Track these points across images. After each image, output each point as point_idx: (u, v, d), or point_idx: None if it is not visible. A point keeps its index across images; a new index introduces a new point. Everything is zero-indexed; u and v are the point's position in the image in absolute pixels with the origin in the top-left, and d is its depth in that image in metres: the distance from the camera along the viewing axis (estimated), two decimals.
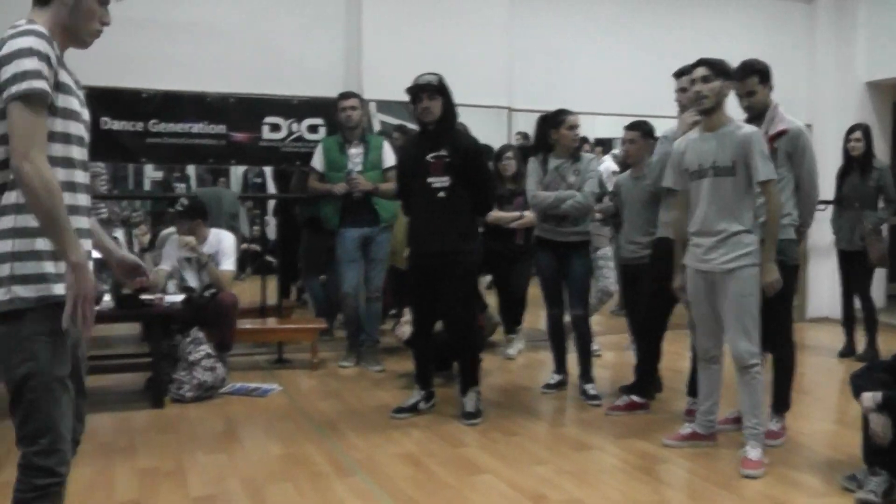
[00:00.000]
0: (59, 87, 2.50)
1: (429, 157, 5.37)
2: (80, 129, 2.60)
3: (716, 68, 4.56)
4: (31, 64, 2.37)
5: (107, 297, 5.83)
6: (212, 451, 4.87)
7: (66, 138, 2.54)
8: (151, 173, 13.31)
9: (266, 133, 7.59)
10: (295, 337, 7.36)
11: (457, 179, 5.34)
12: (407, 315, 6.41)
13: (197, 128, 7.41)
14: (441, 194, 5.35)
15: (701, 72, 4.57)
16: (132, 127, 7.26)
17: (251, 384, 6.35)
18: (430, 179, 5.36)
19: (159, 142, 7.33)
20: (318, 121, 7.63)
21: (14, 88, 2.36)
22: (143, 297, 6.01)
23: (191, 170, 11.87)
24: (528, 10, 8.62)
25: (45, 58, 2.41)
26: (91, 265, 2.51)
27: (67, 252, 2.38)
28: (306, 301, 8.88)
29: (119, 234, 8.55)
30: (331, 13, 7.96)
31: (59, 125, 2.50)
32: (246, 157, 7.92)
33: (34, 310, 2.47)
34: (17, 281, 2.45)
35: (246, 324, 7.02)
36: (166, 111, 7.33)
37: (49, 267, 2.48)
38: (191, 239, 6.49)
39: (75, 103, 2.58)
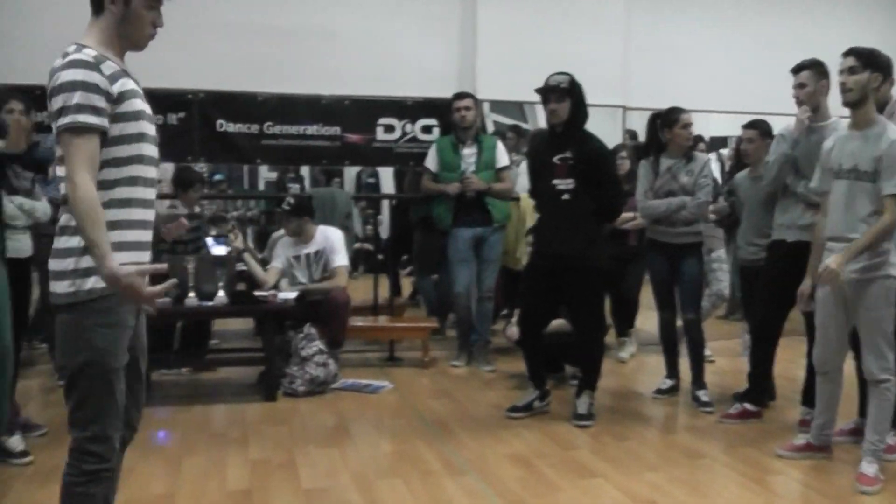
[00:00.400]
0: (119, 98, 2.64)
1: (555, 158, 5.30)
2: (151, 128, 2.76)
3: (864, 58, 4.24)
4: (77, 98, 2.54)
5: (221, 293, 5.96)
6: (323, 446, 4.91)
7: (141, 137, 2.70)
8: (266, 174, 13.61)
9: (380, 134, 7.64)
10: (406, 335, 7.39)
11: (581, 183, 5.25)
12: (518, 315, 6.35)
13: (311, 129, 7.52)
14: (565, 197, 5.27)
15: (848, 62, 4.26)
16: (248, 129, 7.42)
17: (362, 381, 6.39)
18: (554, 181, 5.29)
19: (274, 143, 7.47)
20: (431, 121, 7.64)
21: (63, 121, 2.55)
22: (257, 293, 6.13)
23: (305, 170, 12.07)
24: (645, 5, 8.47)
25: (91, 87, 2.57)
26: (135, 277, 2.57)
27: (99, 264, 2.52)
28: (419, 301, 8.92)
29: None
30: (446, 14, 7.98)
31: (132, 127, 2.67)
32: (360, 158, 8.00)
33: (95, 301, 2.60)
34: (80, 274, 2.59)
35: (358, 321, 7.09)
36: (281, 114, 7.46)
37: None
38: (234, 236, 6.63)
39: (138, 104, 2.72)
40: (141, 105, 2.73)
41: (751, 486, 4.29)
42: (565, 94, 5.25)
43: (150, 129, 2.76)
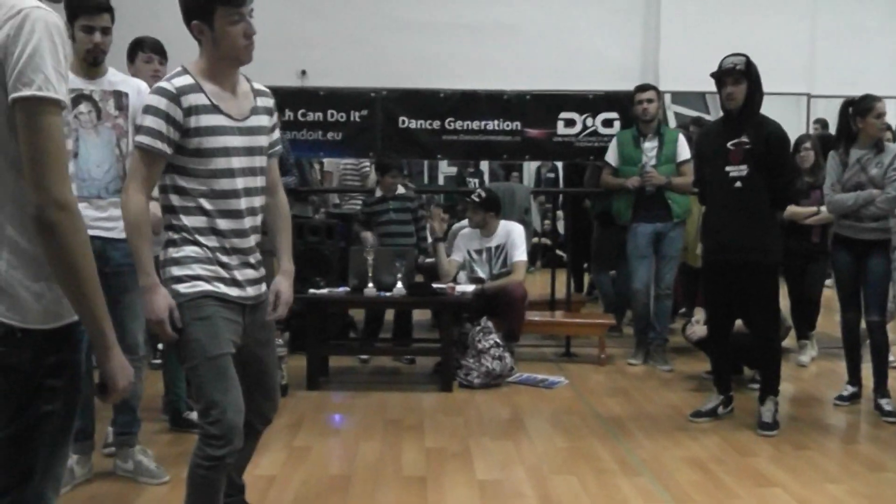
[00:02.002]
0: (194, 132, 2.86)
1: (729, 144, 5.11)
2: (225, 141, 2.93)
3: None
4: (149, 121, 2.85)
5: (399, 285, 6.09)
6: (498, 438, 4.94)
7: (212, 152, 2.90)
8: (445, 168, 13.82)
9: (560, 128, 7.59)
10: (583, 331, 7.34)
11: (755, 169, 5.04)
12: (698, 315, 6.18)
13: (492, 125, 7.56)
14: (738, 185, 5.08)
15: None
16: (429, 125, 7.54)
17: (538, 375, 6.38)
18: (727, 168, 5.09)
19: (455, 139, 7.56)
20: (612, 115, 7.53)
21: (136, 139, 2.90)
22: (436, 285, 6.23)
23: (484, 165, 12.18)
24: None
25: (162, 114, 2.84)
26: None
27: (139, 275, 2.85)
28: (596, 296, 8.83)
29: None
30: (629, 5, 7.87)
31: (206, 142, 2.89)
32: (540, 153, 8.00)
33: (190, 300, 2.88)
34: (174, 281, 2.91)
35: (534, 316, 7.08)
36: (463, 109, 7.55)
37: (198, 269, 2.91)
38: (438, 222, 6.76)
39: (221, 119, 2.92)
40: (224, 141, 2.92)
41: None
42: (742, 77, 5.04)
43: (233, 142, 2.94)
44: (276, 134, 3.18)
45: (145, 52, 4.74)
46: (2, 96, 1.84)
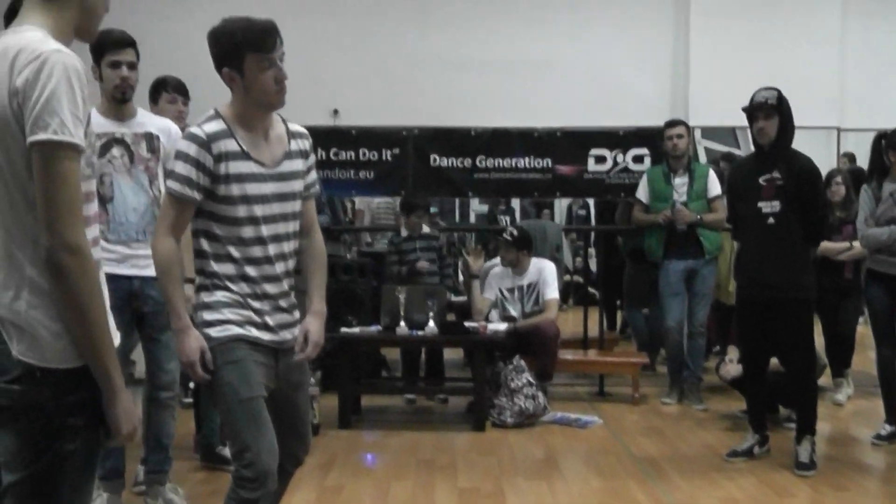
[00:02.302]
0: (225, 179, 2.87)
1: (761, 179, 5.08)
2: (259, 188, 2.94)
3: None
4: (179, 167, 2.87)
5: (431, 323, 6.08)
6: (531, 478, 4.90)
7: (242, 199, 2.91)
8: (477, 206, 13.85)
9: (591, 165, 7.58)
10: (616, 370, 7.26)
11: (788, 204, 5.00)
12: (731, 353, 6.12)
13: (523, 162, 7.56)
14: (770, 221, 5.04)
15: None
16: (460, 163, 7.55)
17: (572, 414, 6.32)
18: (760, 204, 5.07)
19: (486, 177, 7.57)
20: (643, 151, 7.51)
21: (166, 184, 2.98)
22: (467, 324, 6.22)
23: (515, 202, 12.19)
24: (862, 17, 7.99)
25: (193, 161, 2.85)
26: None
27: (171, 317, 2.89)
28: (629, 334, 8.77)
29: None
30: (658, 41, 7.89)
31: (235, 189, 2.89)
32: (571, 190, 7.99)
33: (221, 344, 2.89)
34: (205, 325, 2.92)
35: (567, 354, 7.04)
36: (494, 147, 7.55)
37: (228, 313, 2.91)
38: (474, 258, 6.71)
39: (251, 166, 2.92)
40: (255, 188, 2.91)
41: None
42: (773, 111, 5.02)
43: (263, 189, 2.94)
44: (313, 175, 3.18)
45: (169, 93, 4.79)
46: (21, 140, 1.87)
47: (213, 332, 2.90)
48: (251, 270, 2.93)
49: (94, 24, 2.10)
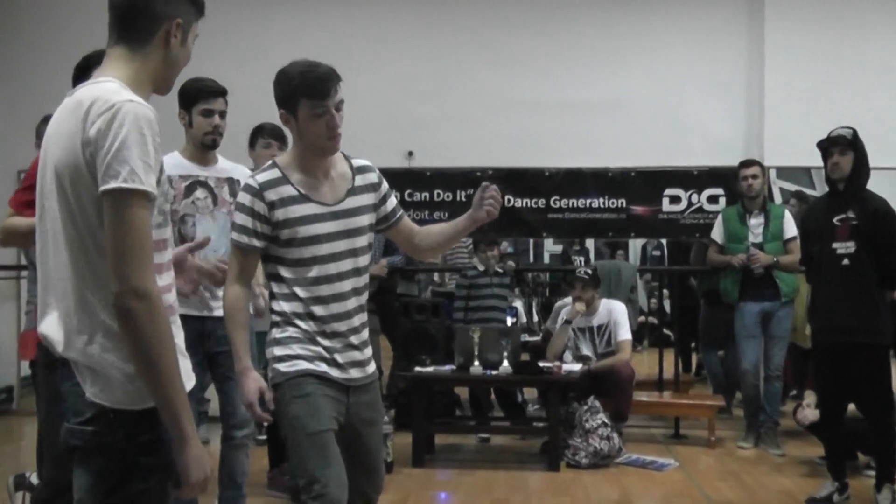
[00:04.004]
0: (282, 224, 2.95)
1: (835, 219, 5.03)
2: (322, 228, 2.99)
3: None
4: (239, 217, 2.99)
5: (505, 363, 6.11)
6: None
7: (303, 241, 2.97)
8: (550, 246, 13.85)
9: (666, 205, 7.59)
10: (692, 413, 7.17)
11: (863, 245, 4.93)
12: (809, 398, 6.00)
13: (597, 202, 7.61)
14: (845, 262, 4.97)
15: None
16: (534, 204, 7.63)
17: (647, 457, 6.27)
18: (834, 245, 5.01)
19: (560, 217, 7.63)
20: (717, 191, 7.49)
21: (230, 233, 3.06)
22: (542, 364, 6.23)
23: (589, 243, 12.17)
24: None
25: (248, 210, 2.96)
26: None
27: (234, 359, 3.02)
28: (704, 376, 8.66)
29: (518, 303, 8.93)
30: (732, 79, 7.83)
31: (296, 232, 2.96)
32: (645, 230, 7.98)
33: (290, 379, 2.95)
34: (275, 361, 3.00)
35: (642, 396, 6.98)
36: (568, 187, 7.62)
37: (298, 349, 2.98)
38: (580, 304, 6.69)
39: (312, 207, 2.98)
40: (316, 229, 2.97)
41: None
42: (848, 147, 4.97)
43: (327, 229, 2.99)
44: (392, 201, 3.22)
45: (264, 138, 4.98)
46: (93, 189, 1.93)
47: (283, 367, 2.97)
48: (318, 309, 2.98)
49: (173, 76, 2.16)
